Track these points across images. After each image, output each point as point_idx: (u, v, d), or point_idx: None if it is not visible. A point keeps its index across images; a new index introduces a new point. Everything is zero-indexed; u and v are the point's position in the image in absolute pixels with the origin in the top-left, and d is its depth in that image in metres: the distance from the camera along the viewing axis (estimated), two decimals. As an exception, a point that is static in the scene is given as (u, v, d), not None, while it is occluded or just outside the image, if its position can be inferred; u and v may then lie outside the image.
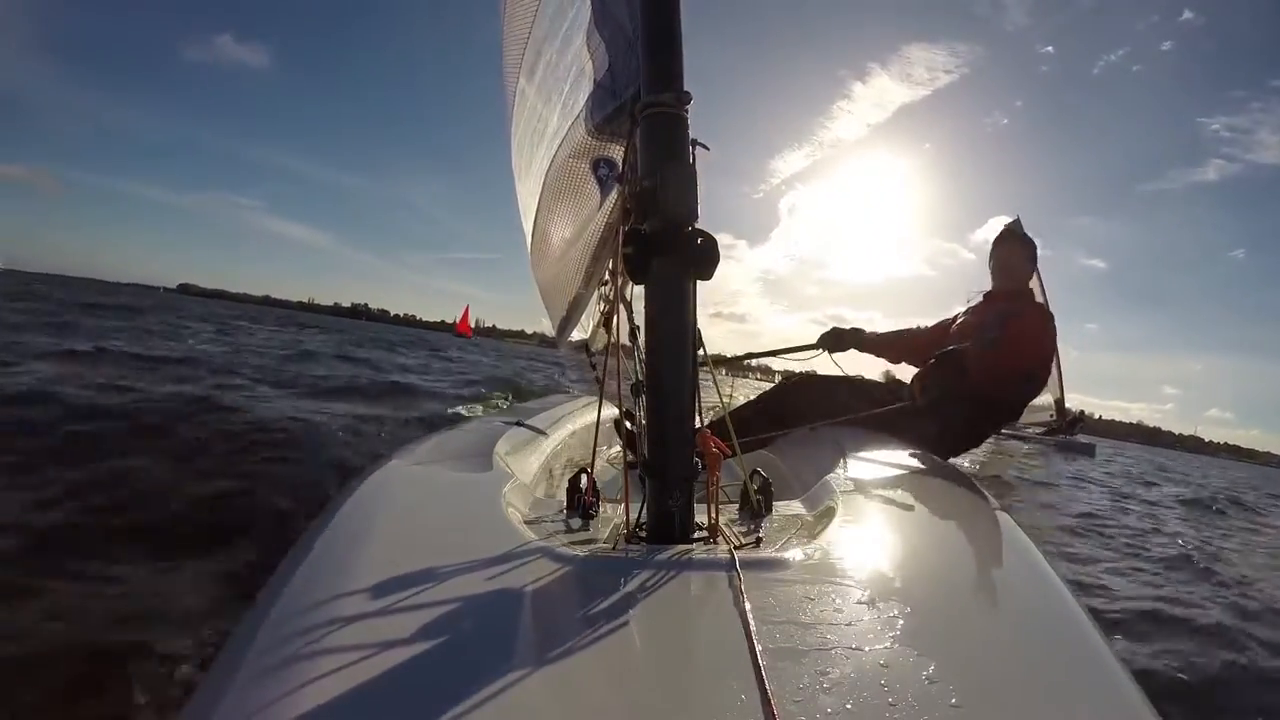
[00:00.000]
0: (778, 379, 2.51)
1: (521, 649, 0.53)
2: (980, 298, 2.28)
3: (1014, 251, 2.20)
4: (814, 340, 2.37)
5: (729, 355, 2.57)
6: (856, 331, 2.36)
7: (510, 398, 6.15)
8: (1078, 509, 4.61)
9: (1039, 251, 2.29)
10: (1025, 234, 2.26)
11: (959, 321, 2.25)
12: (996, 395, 1.99)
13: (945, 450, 1.93)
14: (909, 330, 2.38)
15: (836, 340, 2.34)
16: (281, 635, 0.56)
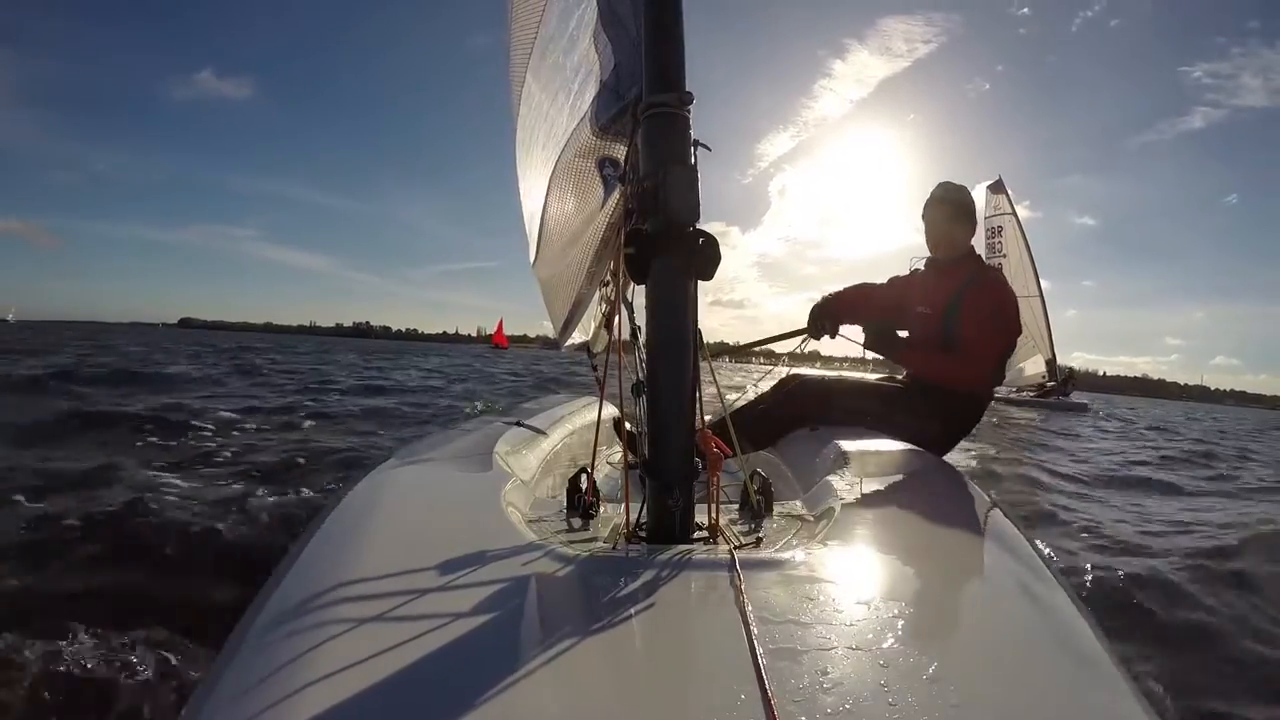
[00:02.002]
0: (781, 361, 2.40)
1: (522, 648, 0.53)
2: (922, 264, 2.10)
3: (949, 218, 1.97)
4: (804, 326, 2.18)
5: (729, 345, 2.52)
6: (836, 297, 2.17)
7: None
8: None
9: (1024, 211, 2.13)
10: (952, 192, 2.03)
11: (915, 306, 2.04)
12: (981, 383, 1.95)
13: (946, 445, 1.92)
14: (868, 286, 2.20)
15: (832, 322, 2.12)
16: (280, 634, 0.56)
